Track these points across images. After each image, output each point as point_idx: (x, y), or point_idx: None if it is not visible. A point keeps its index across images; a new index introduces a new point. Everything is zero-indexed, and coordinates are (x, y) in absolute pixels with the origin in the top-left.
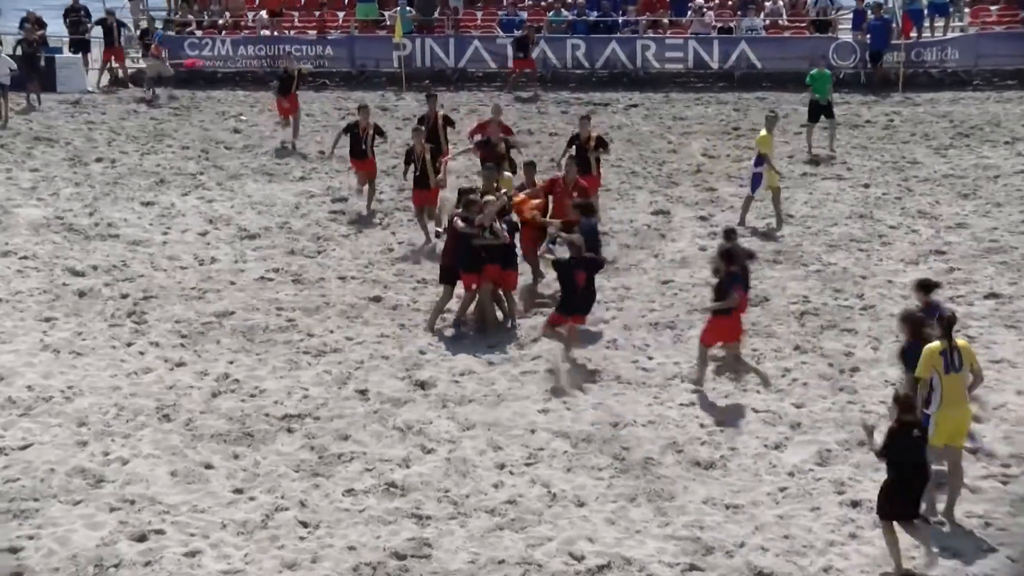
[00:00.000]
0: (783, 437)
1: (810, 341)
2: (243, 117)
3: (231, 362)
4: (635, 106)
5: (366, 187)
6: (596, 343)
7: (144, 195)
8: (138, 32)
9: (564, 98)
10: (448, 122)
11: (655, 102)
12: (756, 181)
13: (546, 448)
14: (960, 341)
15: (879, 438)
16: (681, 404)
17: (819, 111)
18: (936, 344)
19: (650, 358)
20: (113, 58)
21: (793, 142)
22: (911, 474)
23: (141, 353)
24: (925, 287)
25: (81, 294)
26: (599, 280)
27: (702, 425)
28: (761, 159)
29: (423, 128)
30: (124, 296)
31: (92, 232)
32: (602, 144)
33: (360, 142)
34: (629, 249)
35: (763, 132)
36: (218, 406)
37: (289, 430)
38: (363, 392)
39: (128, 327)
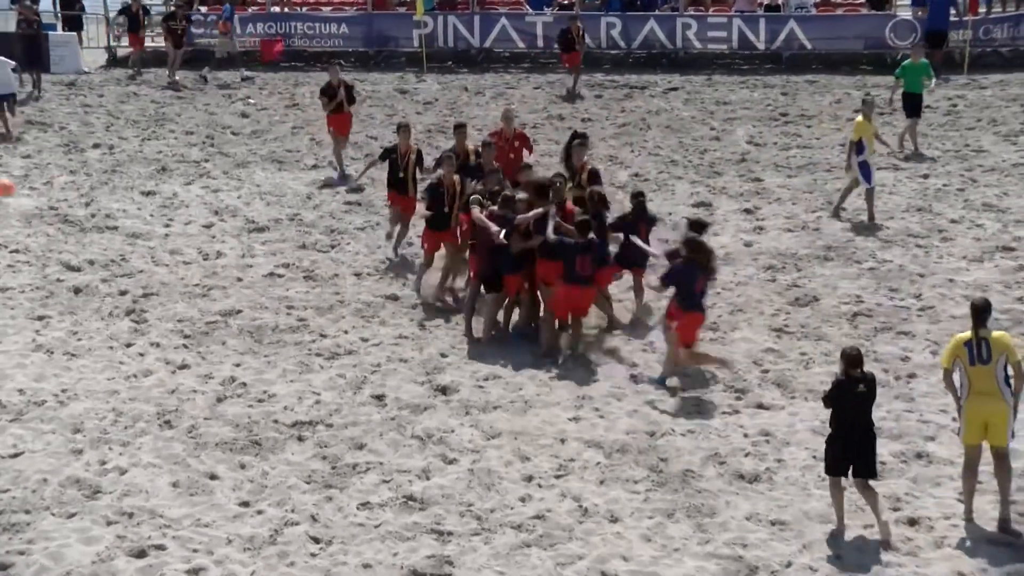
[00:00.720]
0: None
1: (863, 344)
2: (251, 100)
3: (237, 365)
4: (675, 89)
5: (398, 227)
6: (632, 345)
7: (144, 184)
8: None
9: (598, 81)
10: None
11: (696, 85)
12: (866, 170)
13: (577, 459)
14: (996, 333)
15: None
16: (723, 412)
17: (917, 103)
18: (962, 334)
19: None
20: (135, 44)
21: (845, 128)
22: (847, 429)
23: (141, 354)
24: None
25: (76, 291)
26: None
27: (746, 435)
28: (862, 146)
29: (454, 158)
30: (123, 293)
31: (88, 224)
32: (595, 179)
33: (399, 169)
34: (667, 244)
35: (859, 118)
36: (223, 412)
37: (300, 438)
38: (380, 398)
39: (127, 326)
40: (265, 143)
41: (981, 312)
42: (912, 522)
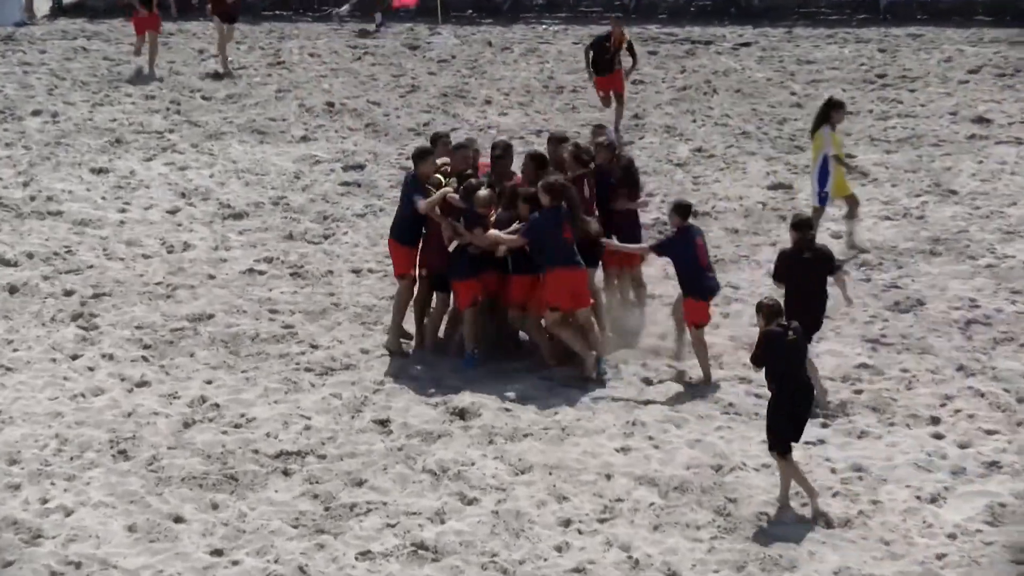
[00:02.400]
0: (942, 487)
1: (979, 359)
2: (229, 59)
3: (209, 382)
4: (747, 45)
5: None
6: (692, 360)
7: (95, 159)
8: None
9: (653, 34)
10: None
11: (773, 40)
12: (823, 182)
13: (626, 499)
14: None
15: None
16: (806, 442)
17: None
18: None
19: (763, 385)
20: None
21: (957, 93)
22: (794, 387)
23: (90, 369)
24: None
25: (11, 290)
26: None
27: (834, 470)
28: (825, 170)
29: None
30: (68, 293)
31: (26, 208)
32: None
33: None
34: (738, 235)
35: (829, 130)
36: (192, 440)
37: (285, 472)
38: (383, 423)
39: (73, 334)
40: (243, 110)
41: None
42: None
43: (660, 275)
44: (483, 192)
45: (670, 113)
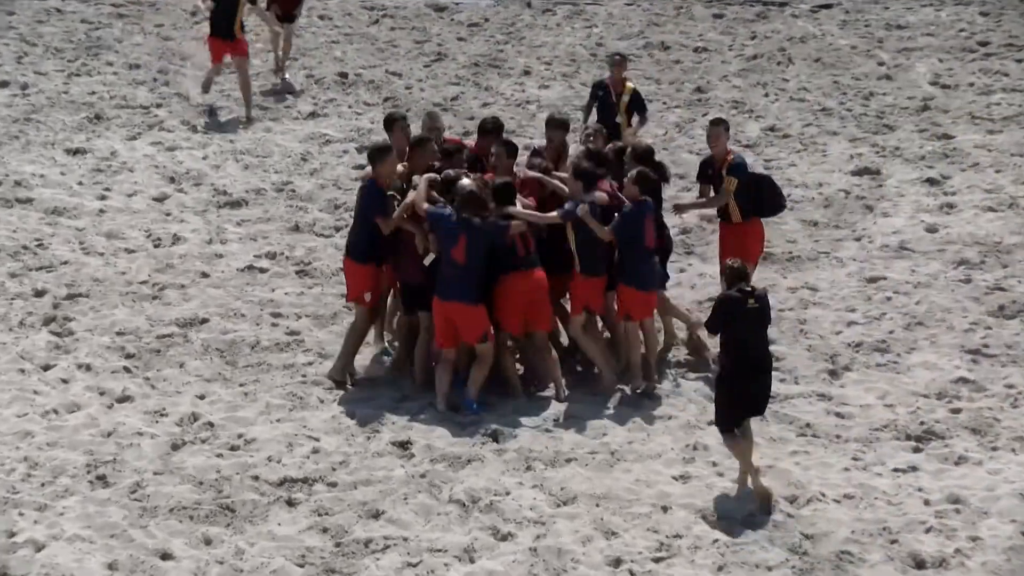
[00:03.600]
0: None
1: None
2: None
3: (201, 397)
4: (827, 7)
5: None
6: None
7: (71, 139)
8: None
9: None
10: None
11: (858, 2)
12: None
13: (686, 535)
14: None
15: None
16: (896, 469)
17: None
18: None
19: (845, 403)
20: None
21: None
22: (749, 359)
23: (64, 381)
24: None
25: None
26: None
27: (927, 501)
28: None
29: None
30: (39, 293)
31: None
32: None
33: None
34: (816, 228)
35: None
36: (181, 464)
37: (290, 502)
38: (403, 445)
39: (44, 341)
40: None
41: None
42: None
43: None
44: (466, 181)
45: (738, 86)
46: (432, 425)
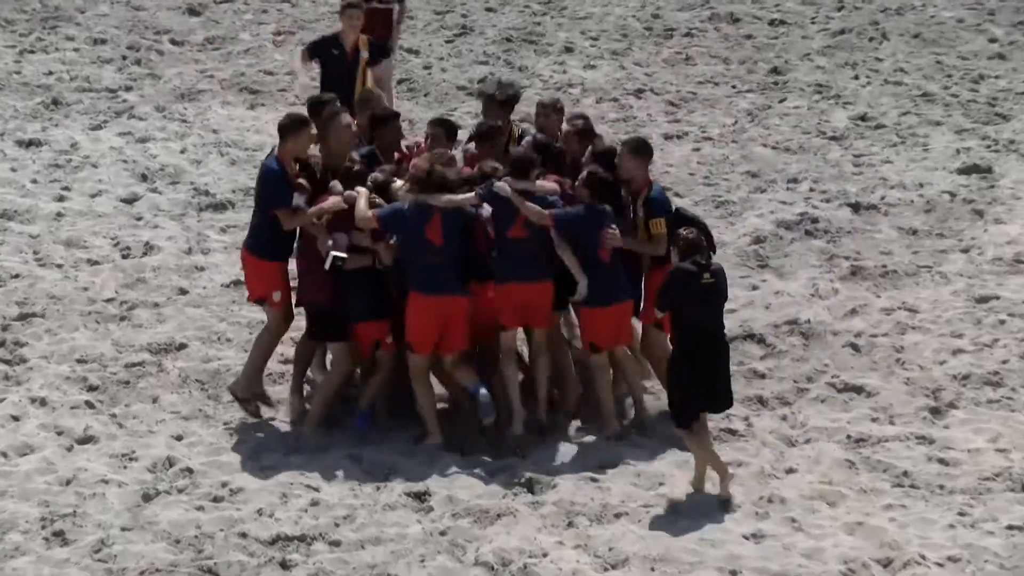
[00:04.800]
0: None
1: None
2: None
3: (178, 437)
4: None
5: None
6: (852, 411)
7: (23, 127)
8: None
9: None
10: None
11: None
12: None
13: None
14: None
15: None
16: (1011, 526)
17: None
18: None
19: (950, 447)
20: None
21: None
22: (703, 341)
23: (14, 418)
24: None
25: None
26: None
27: None
28: None
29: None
30: None
31: None
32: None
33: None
34: (916, 237)
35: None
36: (154, 518)
37: (284, 565)
38: (420, 496)
39: None
40: (228, 59)
41: None
42: None
43: None
44: (400, 183)
45: (822, 66)
46: (455, 472)
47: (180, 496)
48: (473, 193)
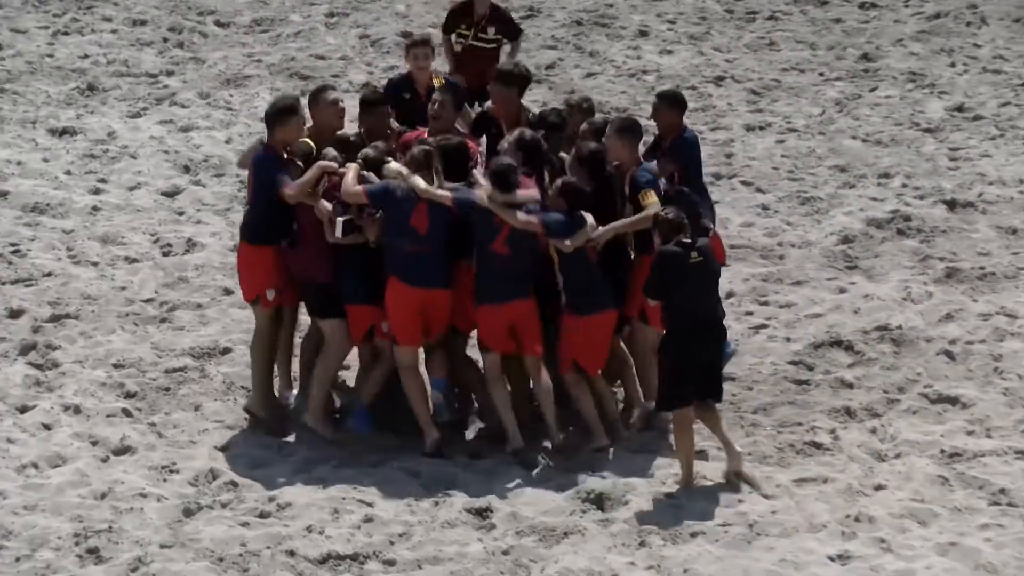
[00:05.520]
0: None
1: None
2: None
3: (222, 448)
4: None
5: None
6: (946, 424)
7: (56, 115)
8: None
9: None
10: None
11: None
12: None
13: None
14: None
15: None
16: None
17: None
18: None
19: None
20: None
21: None
22: (694, 324)
23: (46, 426)
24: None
25: None
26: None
27: None
28: None
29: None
30: (14, 314)
31: None
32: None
33: None
34: (1016, 237)
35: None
36: (196, 534)
37: None
38: (482, 512)
39: (22, 375)
40: (277, 42)
41: None
42: None
43: None
44: (393, 165)
45: (916, 53)
46: (520, 486)
47: (223, 511)
48: (449, 194)
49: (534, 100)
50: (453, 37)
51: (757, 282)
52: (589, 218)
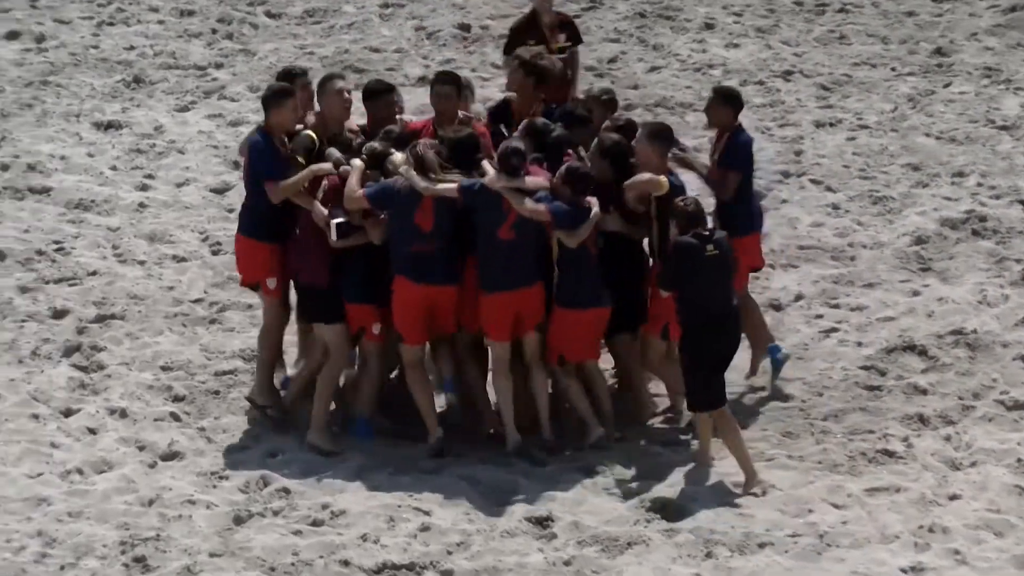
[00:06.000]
0: None
1: None
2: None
3: (273, 455)
4: None
5: None
6: (1023, 432)
7: (101, 108)
8: None
9: None
10: None
11: None
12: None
13: None
14: None
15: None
16: None
17: None
18: None
19: None
20: None
21: None
22: (717, 316)
23: (91, 431)
24: None
25: None
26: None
27: None
28: None
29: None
30: (58, 314)
31: None
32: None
33: None
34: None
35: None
36: (247, 543)
37: None
38: (542, 521)
39: (65, 377)
40: (330, 33)
41: None
42: None
43: None
44: (398, 156)
45: (992, 48)
46: (581, 494)
47: (275, 519)
48: (456, 184)
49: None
50: None
51: (827, 284)
52: (595, 206)
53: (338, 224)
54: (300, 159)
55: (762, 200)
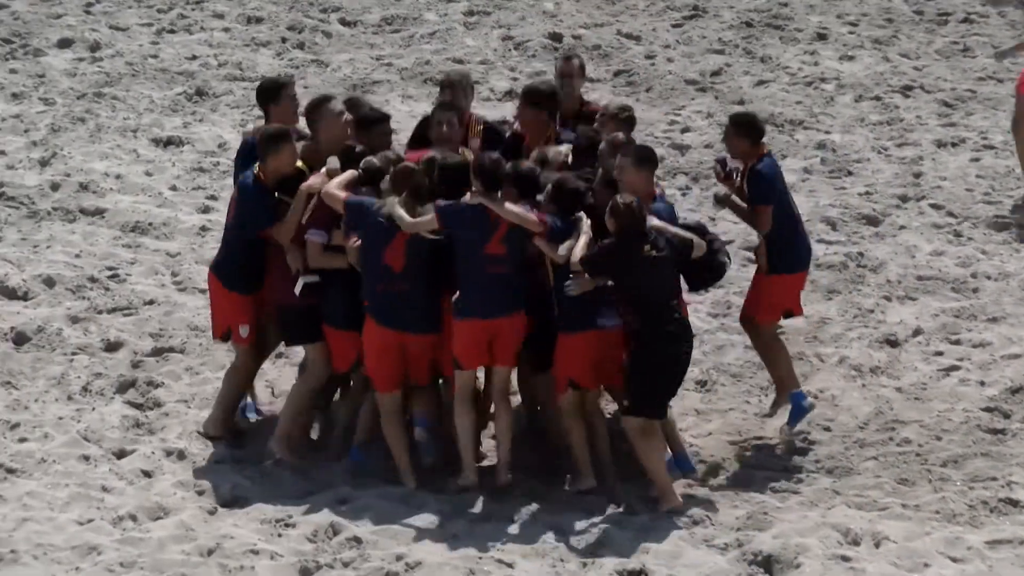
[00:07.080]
0: None
1: None
2: None
3: (343, 501)
4: None
5: None
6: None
7: (160, 123)
8: None
9: None
10: None
11: None
12: None
13: None
14: None
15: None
16: None
17: None
18: None
19: None
20: None
21: None
22: (657, 320)
23: (147, 474)
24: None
25: (19, 339)
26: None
27: None
28: None
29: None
30: (112, 346)
31: (44, 203)
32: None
33: None
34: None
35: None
36: None
37: None
38: (636, 575)
39: (120, 416)
40: (410, 43)
41: None
42: None
43: None
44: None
45: None
46: (678, 545)
47: (346, 570)
48: (433, 216)
49: (697, 111)
50: None
51: (948, 318)
52: (585, 222)
53: (304, 283)
54: (288, 200)
55: (878, 226)
